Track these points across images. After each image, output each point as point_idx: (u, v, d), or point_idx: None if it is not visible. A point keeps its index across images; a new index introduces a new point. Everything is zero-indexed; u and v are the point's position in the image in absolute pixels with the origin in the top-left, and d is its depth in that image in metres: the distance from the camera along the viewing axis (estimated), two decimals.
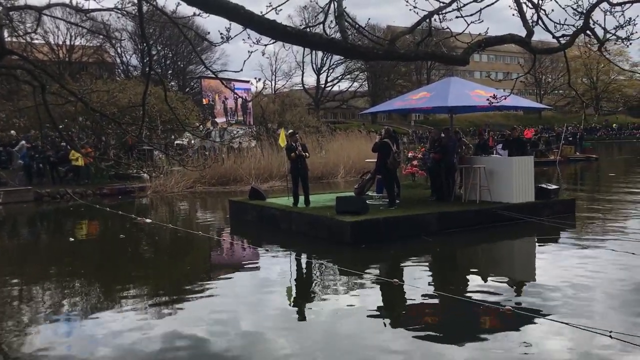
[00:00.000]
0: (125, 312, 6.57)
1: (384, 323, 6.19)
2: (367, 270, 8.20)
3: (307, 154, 12.04)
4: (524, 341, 5.33)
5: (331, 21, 4.96)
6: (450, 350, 5.20)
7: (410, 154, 17.68)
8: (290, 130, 13.84)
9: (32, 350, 5.49)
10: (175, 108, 15.49)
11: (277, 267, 8.93)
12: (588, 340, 5.22)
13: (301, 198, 12.05)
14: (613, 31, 4.90)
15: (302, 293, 7.61)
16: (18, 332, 6.10)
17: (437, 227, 10.71)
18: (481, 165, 12.10)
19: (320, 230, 10.61)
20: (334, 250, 9.78)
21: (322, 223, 10.60)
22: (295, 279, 8.33)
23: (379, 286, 7.51)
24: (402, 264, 8.93)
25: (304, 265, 9.30)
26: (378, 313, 6.47)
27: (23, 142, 21.58)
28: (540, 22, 4.80)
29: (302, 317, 6.43)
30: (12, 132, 22.92)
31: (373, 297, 7.10)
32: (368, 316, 6.27)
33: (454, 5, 4.55)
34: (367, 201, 11.26)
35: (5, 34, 6.45)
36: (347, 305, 6.66)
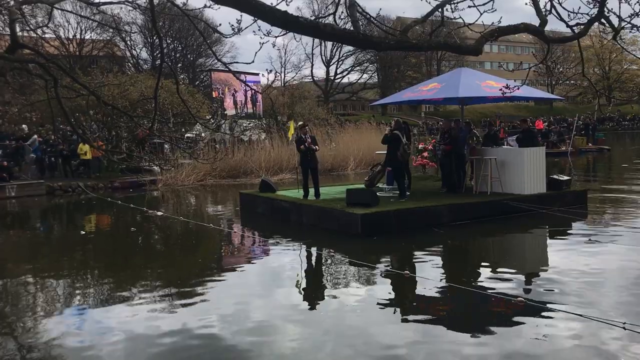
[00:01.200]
0: (136, 303, 6.63)
1: (395, 314, 6.20)
2: (377, 262, 8.20)
3: (316, 146, 12.02)
4: (536, 332, 5.31)
5: (342, 12, 4.93)
6: (462, 341, 5.20)
7: (420, 146, 17.61)
8: (300, 123, 13.83)
9: (45, 340, 5.56)
10: (186, 101, 15.54)
11: (288, 259, 8.95)
12: (601, 331, 5.19)
13: (311, 190, 12.05)
14: (628, 19, 4.83)
15: (313, 285, 7.63)
16: (31, 322, 6.18)
17: (448, 219, 10.68)
18: (492, 157, 12.03)
19: (331, 223, 10.62)
20: (345, 242, 9.78)
21: (332, 215, 10.61)
22: (305, 271, 8.35)
23: (389, 278, 7.52)
24: (412, 256, 8.92)
25: (314, 257, 9.33)
26: (389, 304, 6.48)
27: (35, 136, 21.77)
28: (554, 10, 4.74)
29: (312, 308, 6.45)
30: (24, 126, 23.11)
31: (384, 288, 7.10)
32: (379, 308, 6.28)
33: None
34: (377, 193, 11.25)
35: (17, 28, 6.49)
36: (358, 297, 6.66)
